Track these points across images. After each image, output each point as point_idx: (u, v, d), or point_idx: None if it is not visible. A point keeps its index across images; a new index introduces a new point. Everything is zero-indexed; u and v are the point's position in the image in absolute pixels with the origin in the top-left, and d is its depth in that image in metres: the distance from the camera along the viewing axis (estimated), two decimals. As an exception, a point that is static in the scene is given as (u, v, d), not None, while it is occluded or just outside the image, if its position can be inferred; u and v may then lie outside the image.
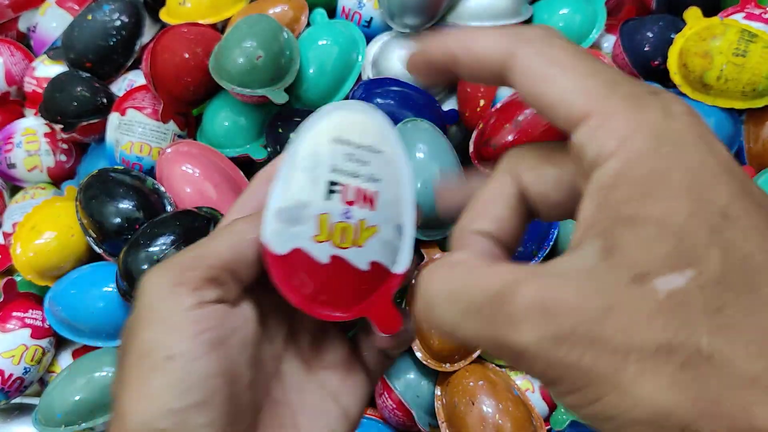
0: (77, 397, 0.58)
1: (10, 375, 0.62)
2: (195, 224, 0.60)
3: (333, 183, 0.26)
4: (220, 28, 0.75)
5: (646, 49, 0.66)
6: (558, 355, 0.16)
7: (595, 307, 0.16)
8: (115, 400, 0.24)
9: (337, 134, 0.26)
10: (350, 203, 0.26)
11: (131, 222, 0.62)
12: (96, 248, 0.64)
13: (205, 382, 0.23)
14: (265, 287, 0.26)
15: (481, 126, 0.66)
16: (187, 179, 0.66)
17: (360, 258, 0.26)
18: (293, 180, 0.25)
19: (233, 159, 0.69)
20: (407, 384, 0.59)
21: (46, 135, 0.76)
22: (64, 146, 0.77)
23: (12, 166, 0.75)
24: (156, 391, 0.22)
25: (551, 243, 0.58)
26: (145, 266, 0.57)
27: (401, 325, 0.27)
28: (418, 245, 0.62)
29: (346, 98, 0.69)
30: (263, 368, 0.27)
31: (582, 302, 0.16)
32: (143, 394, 0.22)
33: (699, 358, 0.15)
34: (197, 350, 0.23)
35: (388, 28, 0.72)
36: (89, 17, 0.74)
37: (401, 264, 0.27)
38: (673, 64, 0.64)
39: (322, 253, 0.26)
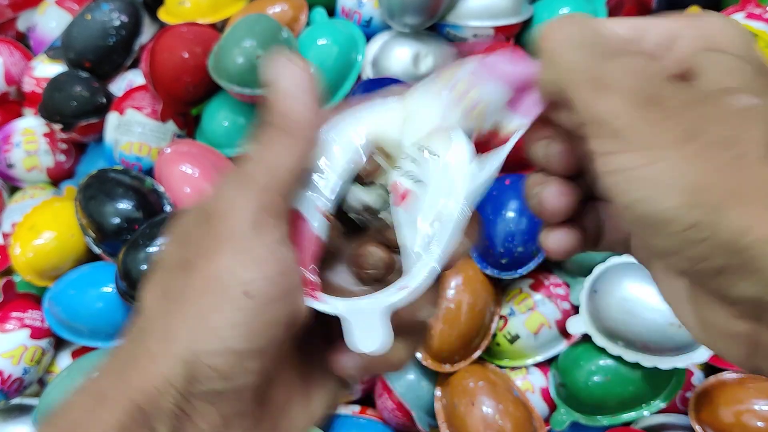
0: (76, 398, 0.58)
1: (10, 375, 0.62)
2: (194, 224, 0.60)
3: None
4: (219, 27, 0.75)
5: (646, 48, 0.66)
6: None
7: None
8: (149, 316, 0.22)
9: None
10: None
11: (130, 222, 0.62)
12: (95, 248, 0.64)
13: (272, 328, 0.21)
14: None
15: (481, 126, 0.66)
16: (186, 179, 0.66)
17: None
18: (338, 148, 0.24)
19: (232, 159, 0.69)
20: (407, 385, 0.59)
21: (45, 135, 0.76)
22: (63, 146, 0.77)
23: (11, 166, 0.75)
24: (223, 325, 0.21)
25: (551, 243, 0.58)
26: (144, 266, 0.57)
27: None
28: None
29: (346, 98, 0.69)
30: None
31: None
32: (207, 324, 0.21)
33: None
34: (275, 292, 0.21)
35: (387, 28, 0.72)
36: (88, 17, 0.74)
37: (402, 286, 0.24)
38: (673, 63, 0.64)
39: (322, 231, 0.24)
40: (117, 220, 0.62)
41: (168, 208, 0.65)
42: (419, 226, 0.24)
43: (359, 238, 0.26)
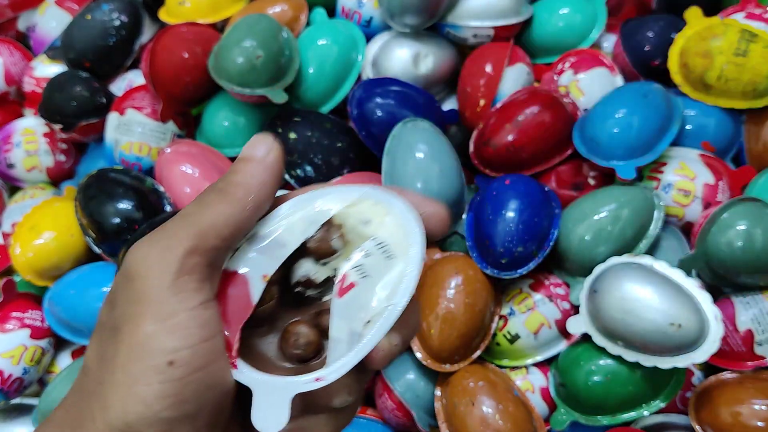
0: (76, 398, 0.58)
1: (10, 375, 0.62)
2: (194, 224, 0.60)
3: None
4: (219, 27, 0.75)
5: (646, 48, 0.66)
6: None
7: None
8: (90, 377, 0.23)
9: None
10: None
11: (130, 222, 0.62)
12: (95, 248, 0.64)
13: (200, 394, 0.22)
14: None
15: (481, 126, 0.66)
16: (187, 179, 0.66)
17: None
18: (293, 217, 0.25)
19: (233, 159, 0.69)
20: (407, 384, 0.59)
21: (45, 135, 0.76)
22: (64, 146, 0.77)
23: (11, 166, 0.75)
24: (151, 395, 0.21)
25: (551, 243, 0.58)
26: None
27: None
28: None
29: (346, 98, 0.69)
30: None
31: None
32: (135, 394, 0.21)
33: None
34: (200, 361, 0.22)
35: (387, 28, 0.72)
36: (88, 17, 0.74)
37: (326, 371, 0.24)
38: (673, 63, 0.64)
39: (257, 294, 0.24)
40: (117, 220, 0.62)
41: (168, 208, 0.65)
42: (352, 324, 0.24)
43: (296, 312, 0.26)
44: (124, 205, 0.62)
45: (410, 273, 0.24)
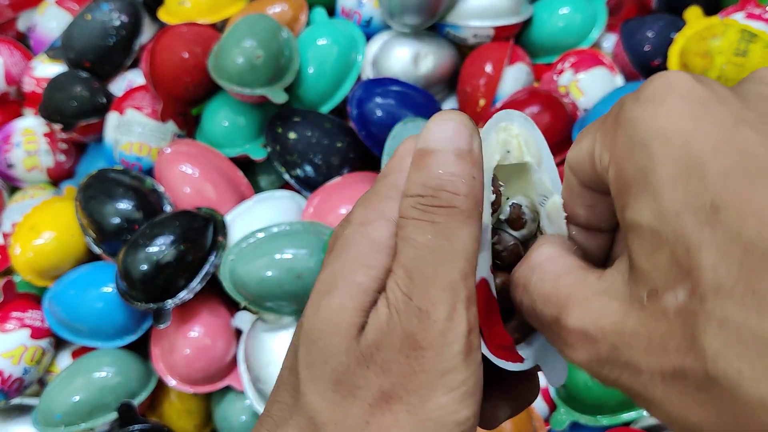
0: (77, 398, 0.58)
1: (10, 375, 0.62)
2: (194, 224, 0.60)
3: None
4: (219, 27, 0.75)
5: (646, 48, 0.66)
6: (603, 373, 0.18)
7: (624, 331, 0.17)
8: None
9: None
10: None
11: (130, 222, 0.62)
12: (95, 248, 0.64)
13: None
14: None
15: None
16: (187, 179, 0.66)
17: None
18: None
19: (233, 159, 0.69)
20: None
21: (45, 135, 0.76)
22: (64, 146, 0.77)
23: (11, 166, 0.75)
24: None
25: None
26: (145, 266, 0.57)
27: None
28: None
29: (346, 98, 0.69)
30: None
31: (614, 327, 0.17)
32: None
33: (708, 381, 0.15)
34: (477, 418, 0.21)
35: (387, 28, 0.72)
36: (88, 17, 0.74)
37: None
38: (673, 63, 0.64)
39: (494, 290, 0.22)
40: (117, 220, 0.62)
41: (168, 208, 0.65)
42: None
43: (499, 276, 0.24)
44: (124, 205, 0.62)
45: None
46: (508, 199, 0.24)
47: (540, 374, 0.24)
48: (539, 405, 0.59)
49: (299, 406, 0.21)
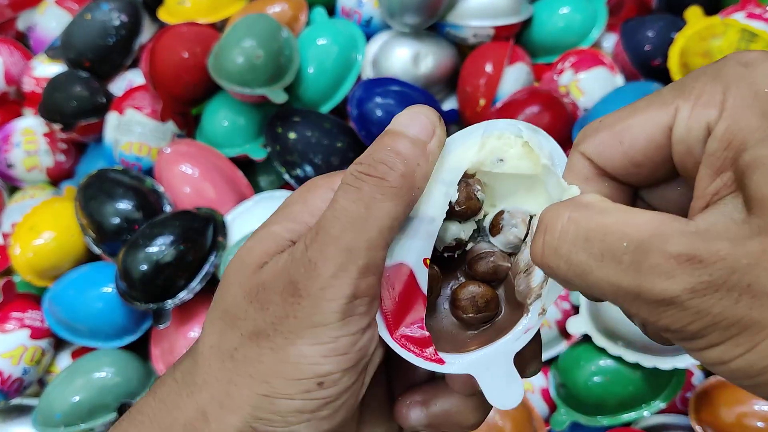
0: (76, 398, 0.58)
1: (9, 376, 0.62)
2: (194, 224, 0.60)
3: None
4: (219, 27, 0.75)
5: (646, 48, 0.66)
6: (710, 302, 0.16)
7: (749, 254, 0.16)
8: (204, 369, 0.21)
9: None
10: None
11: (130, 222, 0.62)
12: (95, 248, 0.64)
13: (339, 413, 0.22)
14: None
15: (481, 126, 0.66)
16: (186, 179, 0.66)
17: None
18: (431, 191, 0.22)
19: (232, 159, 0.69)
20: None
21: (45, 135, 0.75)
22: (63, 146, 0.76)
23: (11, 166, 0.75)
24: (290, 410, 0.21)
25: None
26: (144, 266, 0.57)
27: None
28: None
29: (346, 98, 0.69)
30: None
31: (735, 251, 0.16)
32: (274, 406, 0.21)
33: None
34: (348, 383, 0.21)
35: (387, 28, 0.72)
36: (88, 16, 0.74)
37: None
38: (673, 63, 0.64)
39: (424, 281, 0.22)
40: (117, 220, 0.62)
41: (168, 208, 0.65)
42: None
43: (448, 275, 0.24)
44: (124, 205, 0.62)
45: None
46: (495, 206, 0.24)
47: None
48: (539, 405, 0.59)
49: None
